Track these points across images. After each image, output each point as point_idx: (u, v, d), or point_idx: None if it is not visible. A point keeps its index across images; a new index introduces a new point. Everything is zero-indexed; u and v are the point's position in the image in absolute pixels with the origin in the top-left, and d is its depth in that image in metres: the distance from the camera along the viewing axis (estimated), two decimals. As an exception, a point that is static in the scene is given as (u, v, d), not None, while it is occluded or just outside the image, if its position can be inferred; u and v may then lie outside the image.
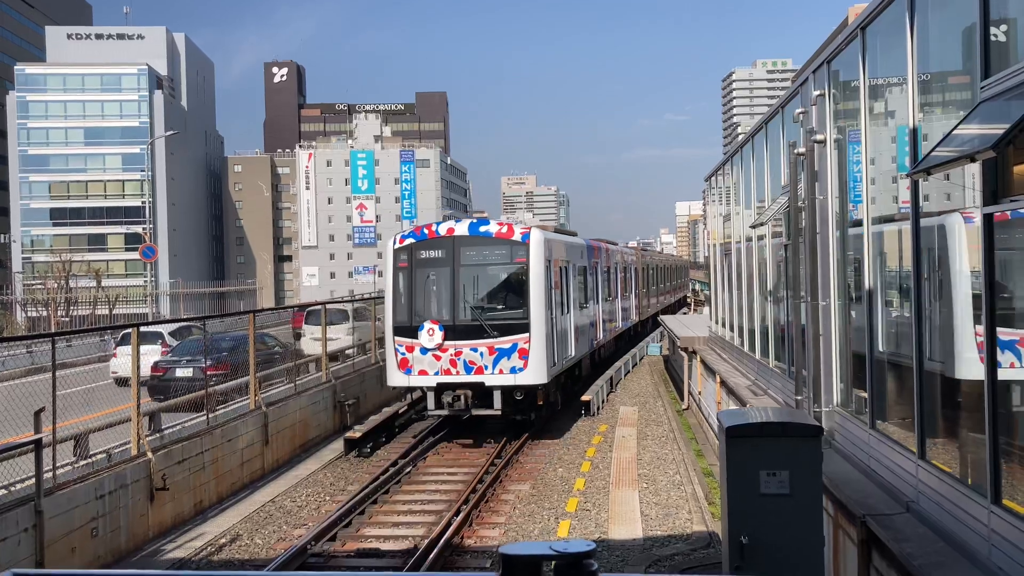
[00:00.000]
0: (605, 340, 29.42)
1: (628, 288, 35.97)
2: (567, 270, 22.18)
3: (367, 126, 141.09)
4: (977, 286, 6.56)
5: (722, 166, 21.99)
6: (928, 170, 6.32)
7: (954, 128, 6.48)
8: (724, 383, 17.53)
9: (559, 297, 20.88)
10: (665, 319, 34.99)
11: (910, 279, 7.88)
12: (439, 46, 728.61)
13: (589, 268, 26.03)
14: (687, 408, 24.21)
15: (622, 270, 34.26)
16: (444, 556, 11.93)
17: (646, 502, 14.32)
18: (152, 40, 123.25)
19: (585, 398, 22.77)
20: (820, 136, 11.04)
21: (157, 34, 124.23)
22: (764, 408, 11.66)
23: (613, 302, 31.28)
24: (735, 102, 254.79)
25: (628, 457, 17.58)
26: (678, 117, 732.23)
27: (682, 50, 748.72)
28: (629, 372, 31.23)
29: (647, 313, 42.92)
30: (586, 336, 24.89)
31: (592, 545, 1.28)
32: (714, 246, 24.76)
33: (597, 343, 27.47)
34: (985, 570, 6.20)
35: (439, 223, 20.24)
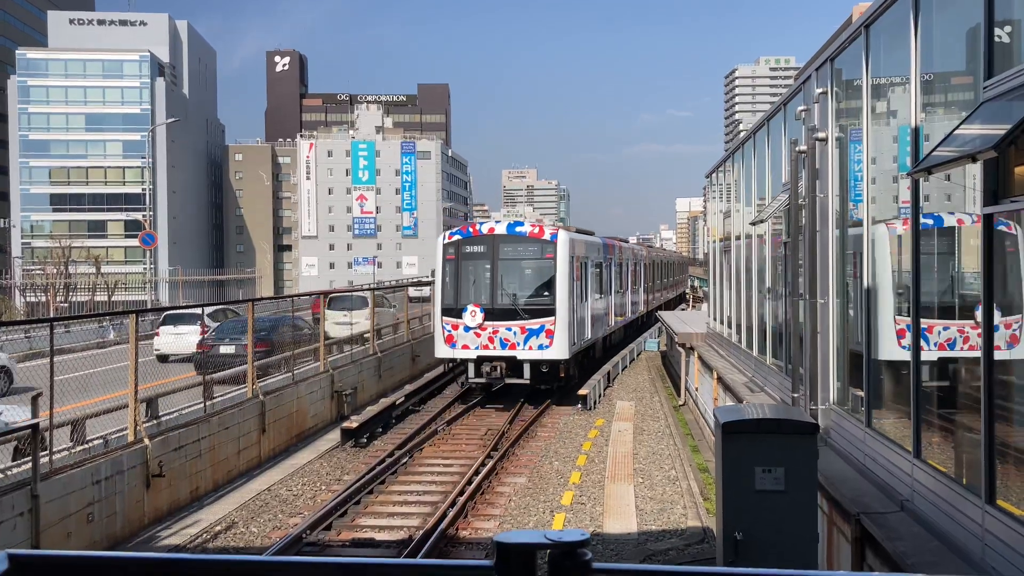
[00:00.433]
0: (616, 327, 32.37)
1: (637, 282, 38.32)
2: (586, 265, 25.43)
3: (368, 117, 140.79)
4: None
5: (723, 163, 21.97)
6: (929, 170, 6.33)
7: (956, 128, 6.48)
8: (721, 379, 17.55)
9: (580, 288, 24.22)
10: (663, 315, 35.06)
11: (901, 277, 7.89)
12: (442, 39, 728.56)
13: (604, 264, 29.11)
14: (684, 404, 24.23)
15: (632, 265, 36.56)
16: (439, 547, 11.97)
17: (641, 497, 14.35)
18: (154, 27, 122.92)
19: (582, 392, 22.83)
20: (822, 134, 11.03)
21: (159, 21, 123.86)
22: (760, 405, 11.66)
23: (624, 294, 34.02)
24: (737, 99, 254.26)
25: (624, 452, 17.60)
26: (680, 113, 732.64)
27: (686, 46, 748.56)
28: (627, 367, 31.26)
29: (653, 305, 44.81)
30: (601, 322, 28.26)
31: (587, 535, 1.29)
32: (714, 242, 24.76)
33: (609, 329, 30.55)
34: (979, 570, 6.21)
35: (482, 223, 24.03)
